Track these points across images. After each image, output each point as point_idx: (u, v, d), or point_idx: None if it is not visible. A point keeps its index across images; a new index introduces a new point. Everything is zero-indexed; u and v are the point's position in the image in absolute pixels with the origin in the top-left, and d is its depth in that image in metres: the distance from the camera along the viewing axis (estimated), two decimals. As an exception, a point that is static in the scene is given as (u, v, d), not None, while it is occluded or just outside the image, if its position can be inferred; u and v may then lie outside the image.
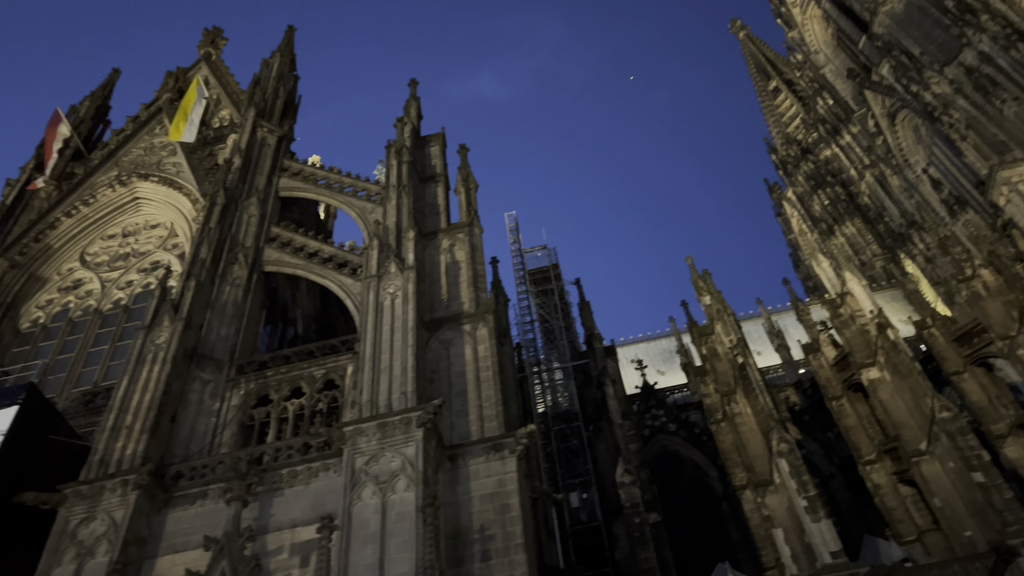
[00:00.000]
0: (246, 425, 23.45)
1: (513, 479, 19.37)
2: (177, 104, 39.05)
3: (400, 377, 21.38)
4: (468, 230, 28.53)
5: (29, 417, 21.76)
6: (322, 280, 28.39)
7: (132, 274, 33.32)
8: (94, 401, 26.82)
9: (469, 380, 22.56)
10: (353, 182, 32.07)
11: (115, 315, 31.52)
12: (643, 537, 27.92)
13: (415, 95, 36.50)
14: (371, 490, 18.47)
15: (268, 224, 30.65)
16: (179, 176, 35.48)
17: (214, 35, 44.74)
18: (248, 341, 26.55)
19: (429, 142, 34.37)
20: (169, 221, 35.06)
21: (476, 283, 26.50)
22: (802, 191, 69.07)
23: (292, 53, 41.70)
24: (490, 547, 18.26)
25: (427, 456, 18.98)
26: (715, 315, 34.97)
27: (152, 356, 23.87)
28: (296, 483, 20.10)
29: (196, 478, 20.74)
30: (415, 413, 19.68)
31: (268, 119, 36.18)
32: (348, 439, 19.66)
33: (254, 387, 24.28)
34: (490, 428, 20.97)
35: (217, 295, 27.11)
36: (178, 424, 22.75)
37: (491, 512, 18.85)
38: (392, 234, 27.27)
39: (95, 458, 21.06)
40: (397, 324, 23.24)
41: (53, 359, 29.91)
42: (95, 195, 35.91)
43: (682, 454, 38.35)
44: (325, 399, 23.91)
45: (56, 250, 34.51)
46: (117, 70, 45.93)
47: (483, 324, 24.38)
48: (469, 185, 31.22)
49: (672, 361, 56.60)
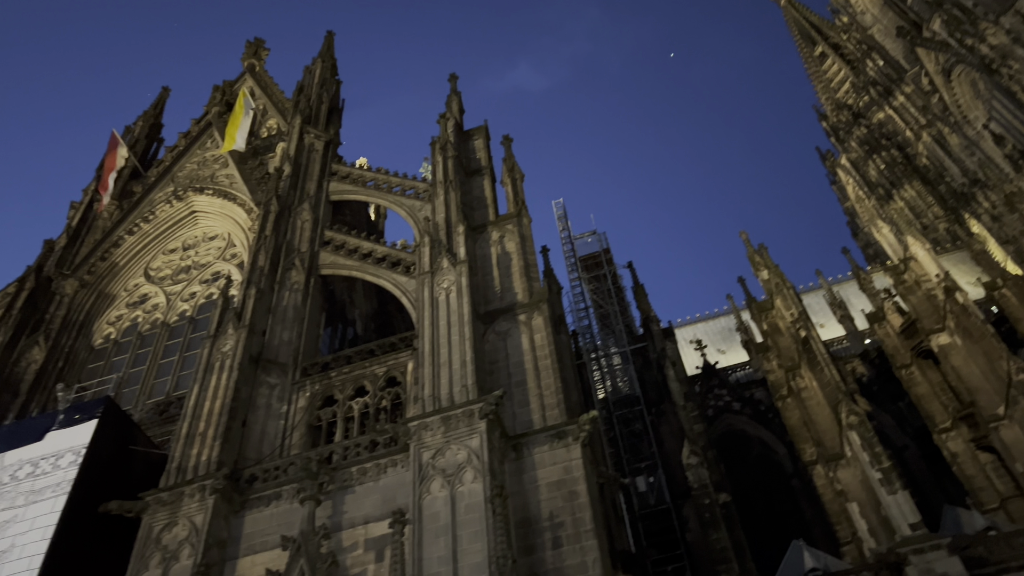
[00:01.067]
0: (314, 426, 23.95)
1: (579, 466, 19.37)
2: (226, 117, 39.95)
3: (460, 370, 21.55)
4: (516, 221, 28.53)
5: (108, 430, 22.66)
6: (377, 280, 28.75)
7: (195, 286, 34.28)
8: (168, 411, 27.74)
9: (528, 370, 22.61)
10: (401, 181, 32.37)
11: (181, 326, 32.49)
12: (714, 518, 27.64)
13: (455, 90, 36.61)
14: (439, 483, 18.69)
15: (321, 228, 31.14)
16: (232, 187, 36.33)
17: (256, 46, 45.58)
18: (310, 344, 27.07)
19: (472, 136, 34.45)
20: (226, 232, 35.94)
21: (528, 273, 26.50)
22: (856, 157, 67.12)
23: (333, 58, 42.20)
24: (560, 534, 18.31)
25: (491, 447, 19.10)
26: (774, 289, 34.32)
27: (219, 364, 24.54)
28: (366, 480, 20.46)
29: (269, 480, 21.27)
30: (477, 405, 19.82)
31: (314, 125, 36.72)
32: (413, 434, 19.91)
33: (319, 388, 24.77)
34: (552, 416, 20.99)
35: (277, 301, 27.70)
36: (249, 428, 23.36)
37: (559, 499, 18.89)
38: (442, 230, 27.45)
39: (172, 465, 21.77)
40: (453, 318, 23.42)
41: (126, 372, 31.01)
42: (154, 211, 37.02)
43: (748, 432, 37.84)
44: (388, 396, 24.26)
45: (122, 267, 35.71)
46: (167, 88, 47.20)
47: (538, 313, 24.39)
48: (515, 175, 31.21)
49: (732, 339, 55.82)
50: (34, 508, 20.91)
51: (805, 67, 77.04)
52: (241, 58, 45.11)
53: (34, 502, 21.08)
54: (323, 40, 43.20)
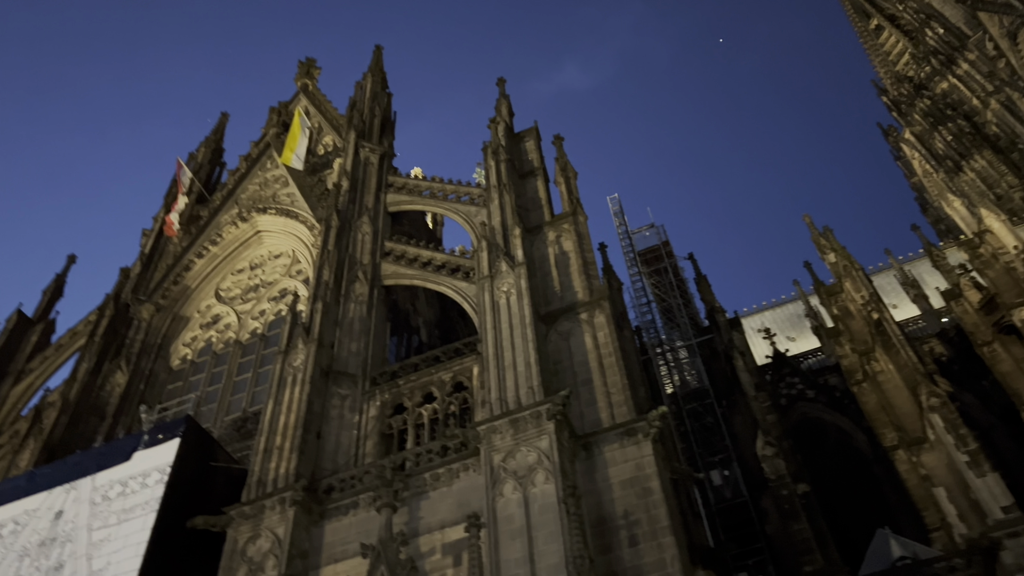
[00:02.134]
0: (385, 434, 24.36)
1: (651, 462, 19.20)
2: (283, 138, 40.99)
3: (525, 372, 21.62)
4: (572, 219, 28.47)
5: (190, 447, 23.50)
6: (438, 287, 29.09)
7: (263, 303, 35.25)
8: (245, 426, 28.60)
9: (593, 368, 22.53)
10: (455, 188, 32.67)
11: (253, 344, 33.45)
12: (793, 509, 27.00)
13: (504, 94, 36.75)
14: (511, 486, 18.78)
15: (381, 240, 31.66)
16: (294, 205, 37.25)
17: (308, 66, 46.63)
18: (377, 353, 27.54)
19: (523, 138, 34.53)
20: (290, 249, 36.86)
21: (587, 271, 26.42)
22: (921, 130, 64.66)
23: (382, 72, 42.86)
24: (636, 532, 18.19)
25: (561, 447, 19.10)
26: (842, 272, 33.39)
27: (292, 378, 25.18)
28: (439, 485, 20.71)
29: (346, 489, 21.72)
30: (544, 406, 19.85)
31: (368, 139, 37.36)
32: (483, 438, 20.06)
33: (388, 397, 25.19)
34: (620, 414, 20.87)
35: (343, 313, 28.27)
36: (323, 440, 23.91)
37: (633, 497, 18.77)
38: (499, 233, 27.59)
39: (253, 479, 22.43)
40: (515, 321, 23.51)
41: (204, 391, 32.09)
42: (221, 234, 38.22)
43: (824, 420, 36.84)
44: (456, 401, 24.51)
45: (193, 290, 36.98)
46: (225, 114, 48.71)
47: (599, 311, 24.29)
48: (568, 174, 31.14)
49: (801, 326, 54.50)
50: (126, 526, 21.83)
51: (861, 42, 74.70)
52: (294, 79, 46.21)
53: (125, 520, 22.01)
54: (372, 55, 43.96)
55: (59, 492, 23.89)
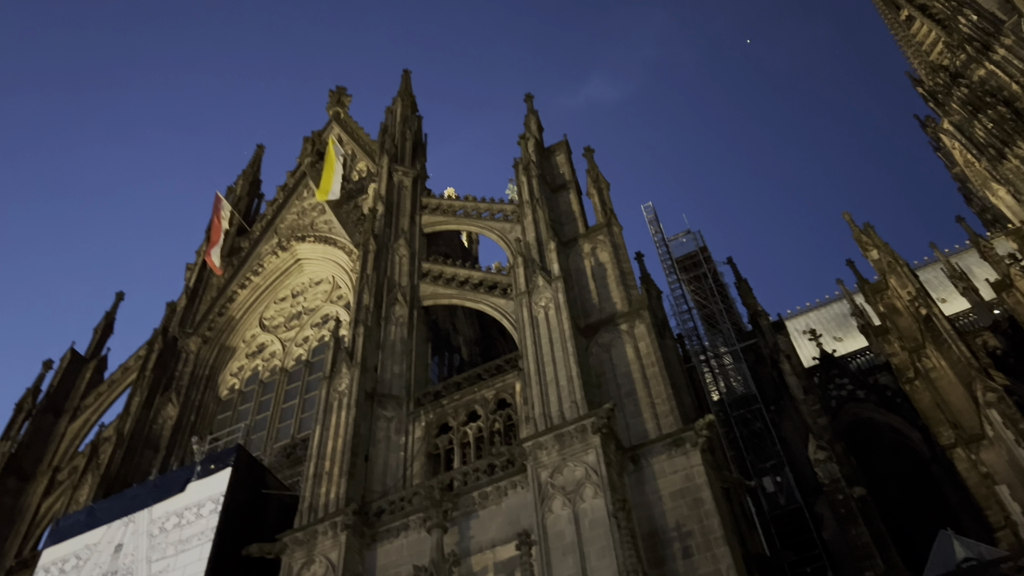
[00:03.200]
0: (432, 454, 24.46)
1: (700, 472, 18.98)
2: (318, 166, 41.71)
3: (567, 387, 21.57)
4: (607, 230, 28.43)
5: (242, 476, 23.88)
6: (476, 305, 29.22)
7: (306, 330, 35.75)
8: (294, 452, 28.95)
9: (636, 379, 22.38)
10: (488, 206, 32.86)
11: (299, 371, 33.91)
12: (850, 513, 26.39)
13: (532, 109, 36.95)
14: (560, 501, 18.71)
15: (418, 261, 31.95)
16: (332, 232, 37.80)
17: (339, 94, 47.45)
18: (420, 374, 27.71)
19: (554, 152, 34.65)
20: (330, 275, 37.38)
21: (624, 281, 26.32)
22: (960, 119, 63.20)
23: (411, 95, 43.40)
24: (690, 543, 17.96)
25: (608, 461, 18.98)
26: (886, 268, 32.76)
27: (337, 403, 25.46)
28: (488, 504, 20.70)
29: (396, 511, 21.84)
30: (588, 420, 19.76)
31: (401, 162, 37.81)
32: (529, 455, 20.03)
33: (433, 417, 25.31)
34: (666, 424, 20.68)
35: (385, 336, 28.54)
36: (371, 463, 24.09)
37: (684, 508, 18.55)
38: (534, 248, 27.66)
39: (304, 505, 22.68)
40: (554, 335, 23.50)
41: (253, 420, 32.58)
42: (262, 264, 38.93)
43: (876, 420, 36.00)
44: (500, 418, 24.52)
45: (238, 320, 37.67)
46: (261, 146, 49.79)
47: (639, 321, 24.16)
48: (600, 185, 31.13)
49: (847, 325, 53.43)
50: (183, 557, 22.22)
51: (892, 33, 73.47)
52: (326, 107, 47.06)
53: (183, 551, 22.41)
54: (400, 79, 44.56)
55: (118, 526, 24.45)
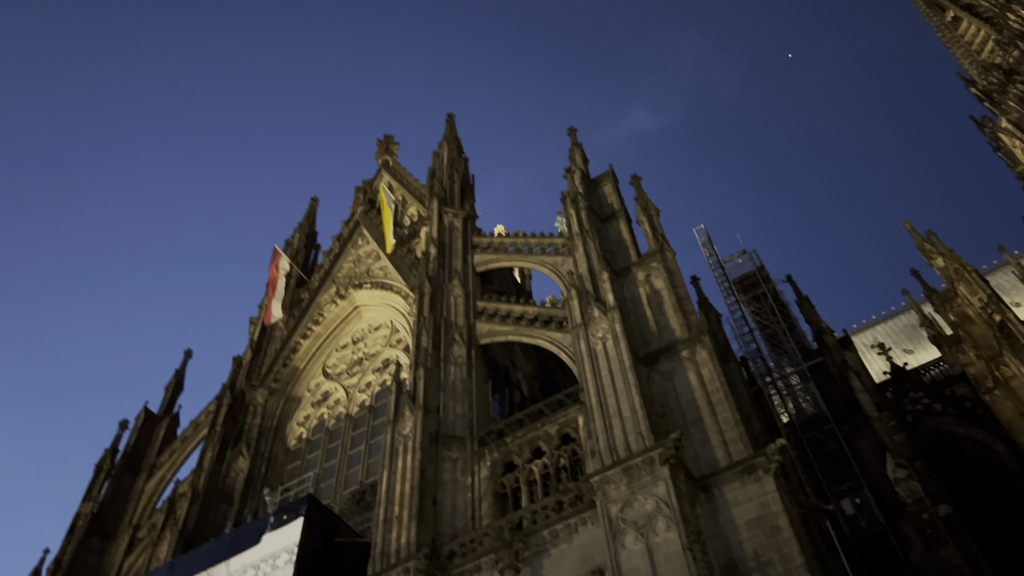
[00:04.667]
0: (499, 494, 24.36)
1: (775, 499, 18.48)
2: (371, 215, 42.65)
3: (631, 418, 21.33)
4: (660, 257, 28.27)
5: (314, 525, 24.12)
6: (533, 340, 29.24)
7: (368, 376, 36.22)
8: (363, 498, 29.17)
9: (701, 406, 22.02)
10: (539, 240, 33.05)
11: (363, 416, 34.32)
12: (937, 533, 25.23)
13: (576, 142, 37.23)
14: (632, 536, 18.40)
15: (473, 300, 32.21)
16: (387, 277, 38.44)
17: (387, 143, 48.65)
18: (482, 413, 27.75)
19: (600, 183, 34.76)
20: (388, 320, 37.92)
21: (682, 307, 26.06)
22: (1018, 116, 61.30)
23: (456, 138, 44.19)
24: (769, 573, 17.43)
25: (679, 492, 18.63)
26: (953, 276, 31.71)
27: (403, 447, 25.64)
28: (559, 542, 20.46)
29: (467, 554, 21.74)
30: (655, 451, 19.48)
31: (450, 205, 38.38)
32: (597, 490, 19.81)
33: (498, 456, 25.26)
34: (736, 451, 20.23)
35: (445, 377, 28.72)
36: (440, 505, 24.11)
37: (761, 537, 18.05)
38: (587, 280, 27.64)
39: (376, 551, 22.78)
40: (614, 367, 23.32)
41: (321, 468, 33.00)
42: (322, 313, 39.72)
43: (957, 434, 34.45)
44: (565, 454, 24.34)
45: (302, 370, 38.40)
46: (315, 199, 51.12)
47: (700, 346, 23.85)
48: (650, 212, 31.03)
49: (917, 336, 51.58)
50: (262, 608, 22.47)
51: (939, 36, 71.88)
52: (375, 156, 48.28)
53: (262, 602, 22.66)
54: (445, 123, 45.45)
55: (197, 580, 24.88)
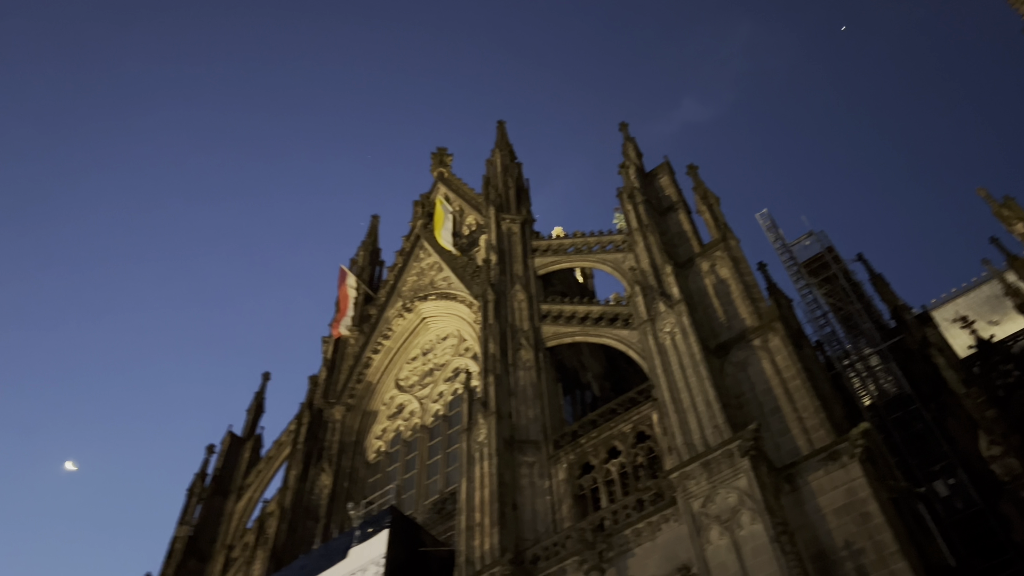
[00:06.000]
0: (578, 496, 24.31)
1: (863, 485, 17.96)
2: (430, 227, 43.21)
3: (706, 412, 21.03)
4: (723, 245, 27.83)
5: (399, 536, 24.55)
6: (599, 339, 29.12)
7: (440, 385, 36.65)
8: (444, 507, 29.50)
9: (778, 395, 21.56)
10: (598, 239, 32.93)
11: (438, 426, 34.73)
12: (1040, 511, 24.11)
13: (628, 137, 36.99)
14: (717, 531, 18.14)
15: (537, 304, 32.27)
16: (451, 288, 38.85)
17: (440, 155, 49.23)
18: (554, 416, 27.76)
19: (656, 175, 34.44)
20: (455, 329, 38.30)
21: (750, 294, 25.59)
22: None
23: (508, 145, 44.40)
24: (863, 561, 16.96)
25: (762, 484, 18.28)
26: (1036, 240, 30.17)
27: (479, 454, 25.84)
28: (642, 540, 20.31)
29: (551, 557, 21.76)
30: (734, 443, 19.17)
31: (507, 211, 38.58)
32: (677, 486, 19.60)
33: (574, 458, 25.21)
34: (818, 438, 19.74)
35: (514, 382, 28.85)
36: (520, 510, 24.21)
37: (851, 524, 17.57)
38: (650, 275, 27.39)
39: (461, 559, 23.02)
40: (684, 361, 23.05)
41: (401, 479, 33.53)
42: (391, 327, 40.38)
43: (1054, 406, 32.85)
44: (642, 452, 24.15)
45: (376, 385, 39.09)
46: (376, 216, 51.98)
47: (772, 333, 23.39)
48: (709, 201, 30.59)
49: (1002, 307, 49.24)
50: (355, 620, 22.96)
51: (1001, -11, 68.80)
52: (430, 170, 48.88)
53: (354, 614, 23.16)
54: (496, 130, 45.73)
55: (291, 596, 25.59)
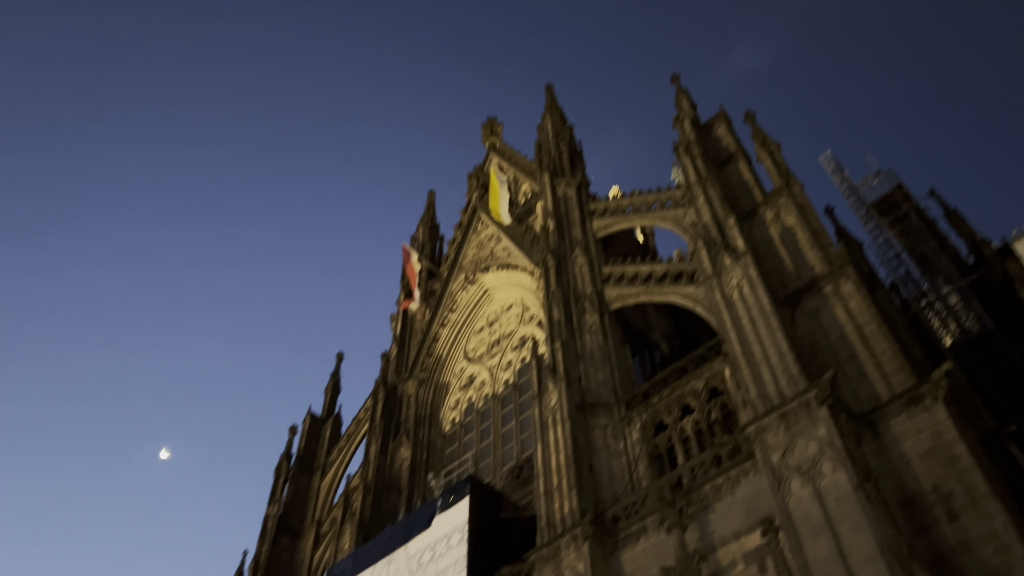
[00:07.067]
0: (653, 455, 24.30)
1: (948, 427, 17.47)
2: (486, 199, 43.24)
3: (779, 363, 20.68)
4: (787, 192, 27.12)
5: (479, 503, 25.05)
6: (664, 298, 28.80)
7: (508, 354, 36.95)
8: (521, 473, 29.92)
9: (853, 341, 21.03)
10: (656, 196, 32.40)
11: (509, 395, 35.09)
12: None
13: (681, 89, 36.15)
14: (798, 482, 17.91)
15: (598, 267, 32.05)
16: (511, 257, 38.93)
17: (491, 125, 49.03)
18: (624, 377, 27.68)
19: (712, 126, 33.61)
20: (518, 299, 38.45)
21: (818, 240, 24.92)
22: None
23: (558, 108, 43.90)
24: (953, 505, 16.56)
25: (842, 432, 17.95)
26: None
27: (551, 419, 26.04)
28: (722, 495, 20.21)
29: (631, 516, 21.87)
30: (810, 393, 18.83)
31: (561, 175, 38.28)
32: (754, 439, 19.40)
33: (647, 417, 25.17)
34: (898, 382, 19.22)
35: (582, 346, 28.85)
36: (596, 472, 24.36)
37: (938, 468, 17.14)
38: (713, 228, 26.90)
39: (542, 523, 23.34)
40: (754, 313, 22.67)
41: (478, 448, 34.10)
42: (455, 301, 40.81)
43: None
44: (716, 407, 23.95)
45: (445, 358, 39.67)
46: (432, 191, 52.32)
47: (844, 279, 22.79)
48: (770, 148, 29.76)
49: (1089, 231, 46.81)
50: (444, 586, 23.61)
51: None
52: (482, 141, 48.78)
53: (442, 581, 23.80)
54: (545, 94, 45.25)
55: (380, 567, 26.44)
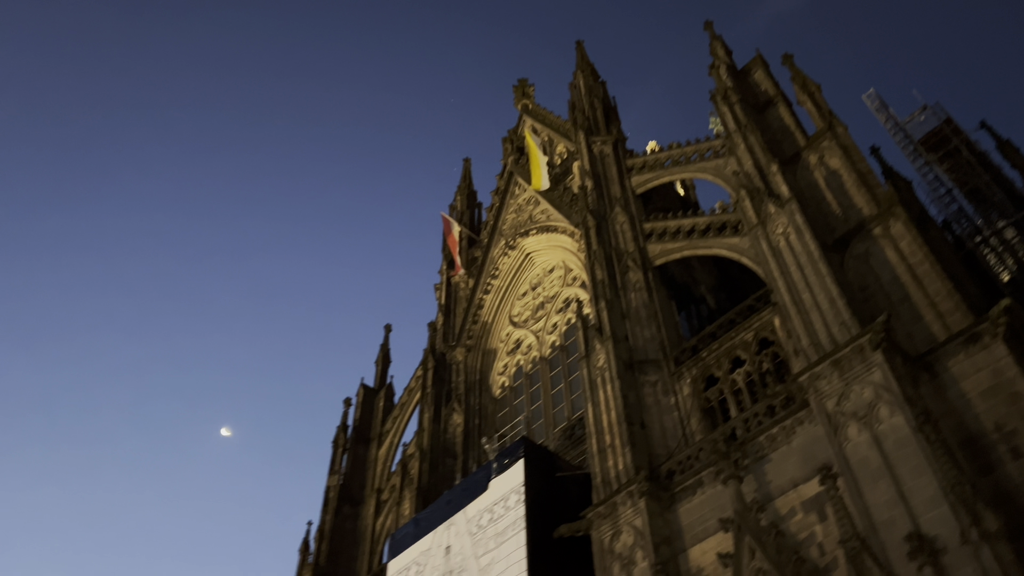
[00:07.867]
0: (705, 409, 24.26)
1: (1010, 364, 17.08)
2: (522, 163, 43.03)
3: (830, 309, 20.36)
4: (830, 134, 26.46)
5: (534, 465, 25.33)
6: (708, 251, 28.47)
7: (553, 317, 37.02)
8: (573, 433, 30.15)
9: (906, 282, 20.58)
10: (695, 147, 31.85)
11: (556, 356, 35.23)
12: None
13: (715, 35, 35.26)
14: (855, 428, 17.73)
15: (639, 223, 31.73)
16: (550, 220, 38.78)
17: (522, 87, 48.56)
18: (671, 333, 27.54)
19: (749, 72, 32.78)
20: (560, 261, 38.38)
21: (865, 182, 24.34)
22: None
23: (589, 64, 43.20)
24: (1017, 443, 16.30)
25: (898, 375, 17.67)
26: None
27: (600, 379, 26.08)
28: (778, 445, 20.12)
29: (686, 471, 21.92)
30: (864, 338, 18.53)
31: (596, 133, 37.81)
32: (807, 387, 19.21)
33: (696, 372, 25.07)
34: (954, 322, 18.80)
35: (627, 304, 28.72)
36: (648, 428, 24.42)
37: (1000, 406, 16.81)
38: (755, 176, 26.40)
39: (597, 481, 23.54)
40: (801, 260, 22.30)
41: (529, 411, 34.42)
42: (497, 267, 40.89)
43: None
44: (767, 358, 23.76)
45: (491, 324, 39.91)
46: (468, 159, 52.16)
47: (893, 219, 22.28)
48: (810, 89, 28.98)
49: None
50: (504, 548, 24.05)
51: None
52: (514, 103, 48.37)
53: (502, 542, 24.25)
54: (575, 51, 44.56)
55: (441, 531, 27.03)
